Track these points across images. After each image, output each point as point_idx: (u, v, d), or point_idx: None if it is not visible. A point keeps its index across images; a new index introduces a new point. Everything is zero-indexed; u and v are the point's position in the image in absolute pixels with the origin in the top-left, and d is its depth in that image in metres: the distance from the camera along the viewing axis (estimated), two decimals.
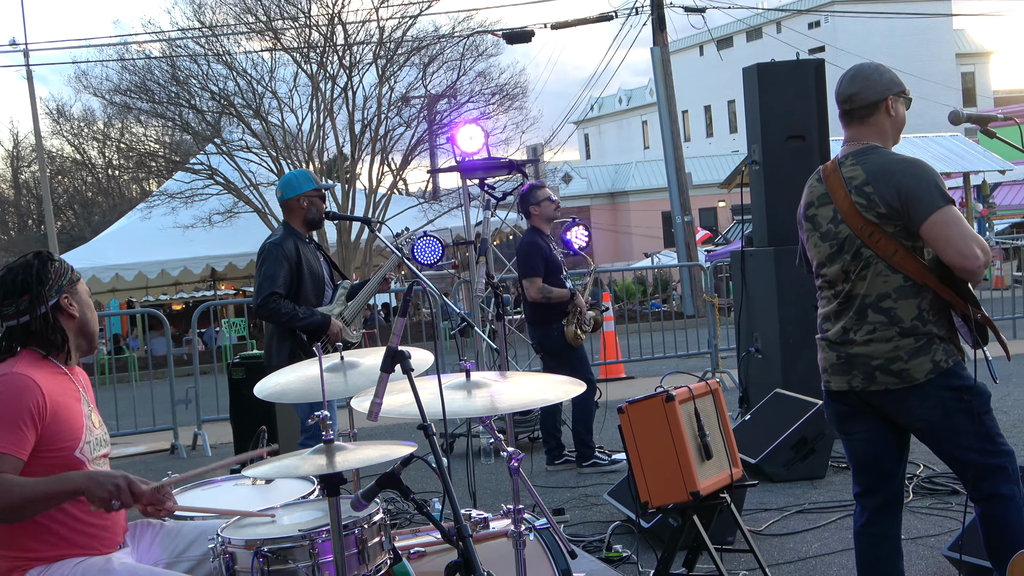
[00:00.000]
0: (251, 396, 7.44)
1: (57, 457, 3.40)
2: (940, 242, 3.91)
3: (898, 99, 4.22)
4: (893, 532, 4.29)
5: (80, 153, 42.86)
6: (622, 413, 5.36)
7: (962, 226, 3.91)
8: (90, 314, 3.67)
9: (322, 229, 20.55)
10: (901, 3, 48.04)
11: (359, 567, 3.33)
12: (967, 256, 3.87)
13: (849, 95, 4.20)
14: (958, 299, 4.02)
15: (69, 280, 3.60)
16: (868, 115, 4.18)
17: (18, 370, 3.40)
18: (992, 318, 4.10)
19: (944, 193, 3.94)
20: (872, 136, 4.18)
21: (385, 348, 3.11)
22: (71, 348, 3.61)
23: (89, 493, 3.28)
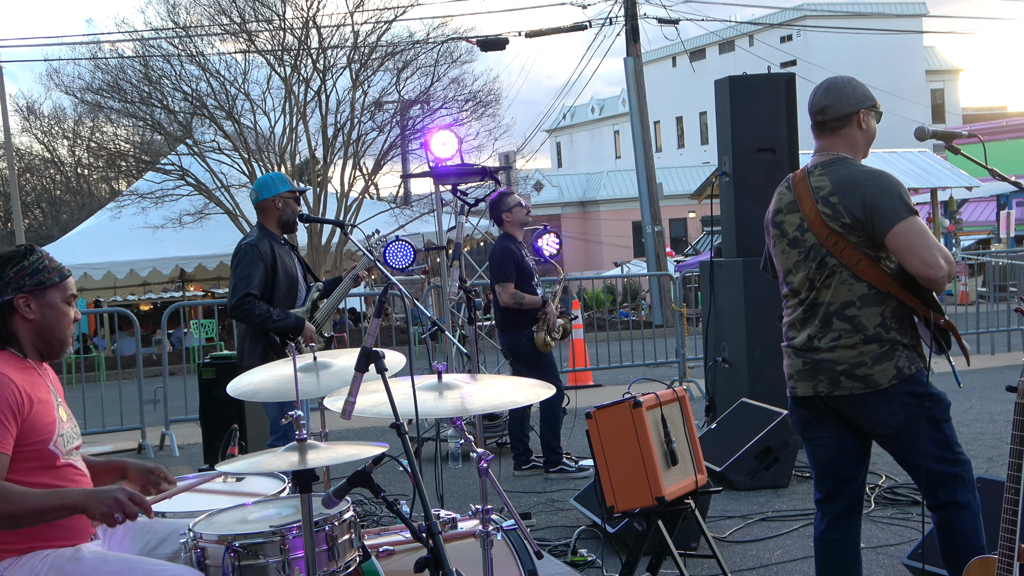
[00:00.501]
0: (221, 396, 7.48)
1: (32, 451, 3.43)
2: (904, 251, 4.00)
3: (869, 112, 4.31)
4: (852, 538, 4.38)
5: (49, 151, 42.66)
6: (590, 418, 5.43)
7: (926, 236, 4.00)
8: (54, 320, 3.61)
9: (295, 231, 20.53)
10: (873, 19, 48.48)
11: (328, 564, 3.37)
12: (931, 265, 3.96)
13: (822, 107, 4.28)
14: (922, 305, 4.11)
15: (37, 282, 3.56)
16: (840, 127, 4.27)
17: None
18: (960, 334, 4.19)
19: (908, 204, 4.03)
20: (843, 148, 4.27)
21: (359, 348, 3.16)
22: (26, 348, 3.59)
23: (88, 510, 3.32)
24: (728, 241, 9.13)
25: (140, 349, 12.40)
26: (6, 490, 3.27)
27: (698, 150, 57.80)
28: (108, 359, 20.00)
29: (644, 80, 24.85)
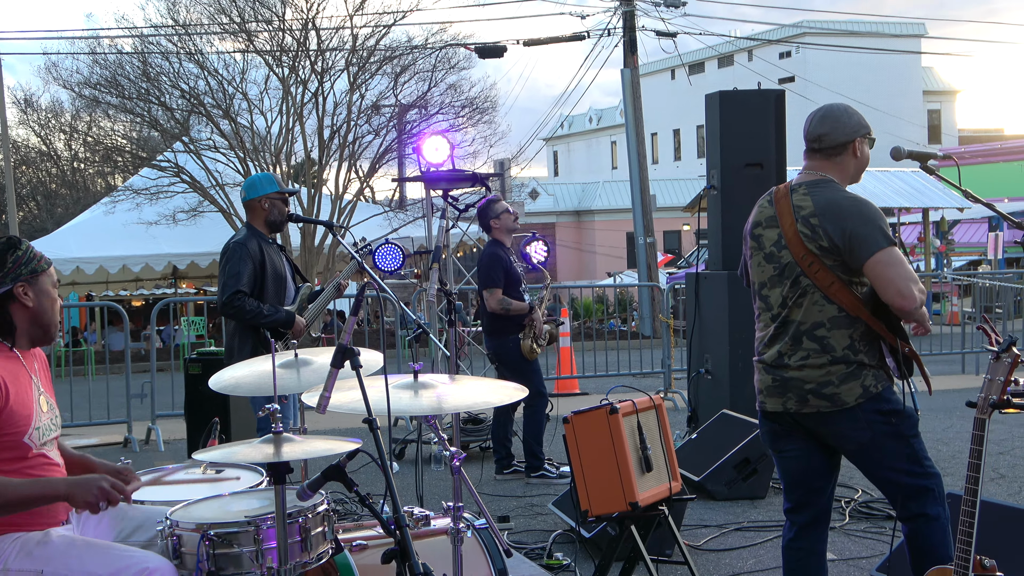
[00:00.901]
0: (207, 392, 7.54)
1: (5, 442, 3.50)
2: (881, 281, 4.09)
3: (864, 140, 4.40)
4: (819, 547, 4.48)
5: (46, 144, 42.67)
6: (567, 423, 5.52)
7: (903, 267, 4.09)
8: (48, 305, 3.72)
9: (285, 232, 20.60)
10: (872, 38, 48.65)
11: (301, 554, 3.45)
12: (906, 296, 4.05)
13: (819, 135, 4.36)
14: (888, 332, 4.20)
15: (31, 270, 3.66)
16: (836, 155, 4.35)
17: None
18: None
19: (887, 234, 4.12)
20: (834, 172, 4.35)
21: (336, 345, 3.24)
22: (19, 335, 3.68)
23: (72, 499, 3.42)
24: (714, 253, 9.22)
25: (129, 344, 12.46)
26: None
27: (695, 163, 57.93)
28: (97, 353, 20.06)
29: (640, 91, 24.97)
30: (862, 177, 4.50)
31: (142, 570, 3.37)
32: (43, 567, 3.42)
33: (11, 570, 3.43)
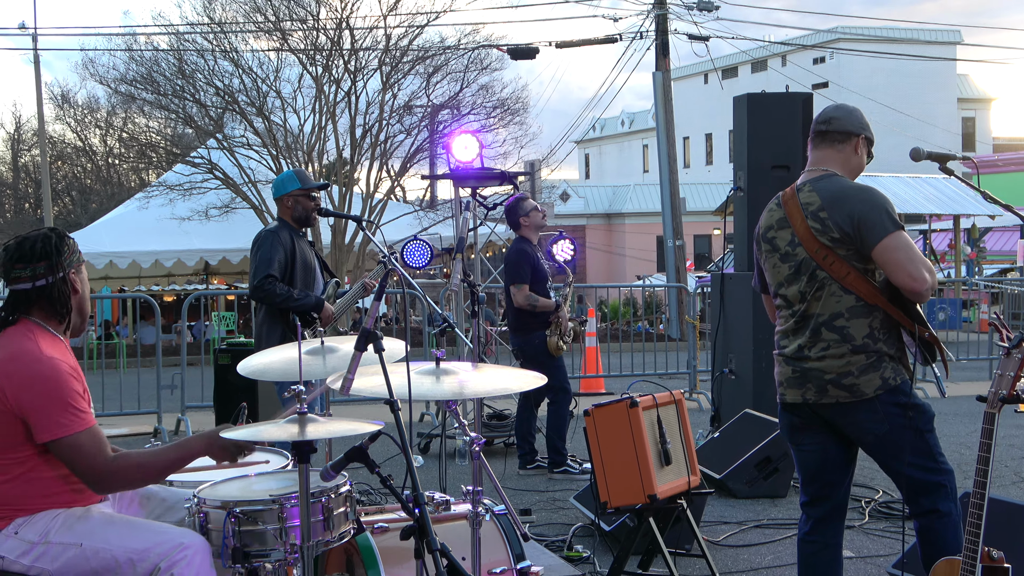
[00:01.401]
0: (236, 382, 7.69)
1: None
2: (891, 265, 4.16)
3: (865, 144, 4.50)
4: (834, 540, 4.54)
5: (82, 140, 43.09)
6: (588, 416, 5.61)
7: (911, 250, 4.17)
8: (88, 294, 3.89)
9: (316, 230, 20.76)
10: (907, 45, 48.48)
11: (324, 533, 3.57)
12: (916, 279, 4.12)
13: (830, 117, 4.47)
14: (906, 319, 4.27)
15: (78, 259, 3.81)
16: (840, 142, 4.44)
17: (46, 352, 3.59)
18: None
19: (894, 219, 4.20)
20: (835, 164, 4.43)
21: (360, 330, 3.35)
22: (70, 321, 3.81)
23: (211, 452, 3.70)
24: (740, 255, 9.28)
25: (161, 335, 12.63)
26: (134, 459, 3.64)
27: (726, 168, 57.62)
28: (129, 347, 20.27)
29: (672, 94, 25.02)
30: (894, 183, 4.57)
31: (177, 545, 3.50)
32: (83, 540, 3.56)
33: (52, 543, 3.56)
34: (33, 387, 3.53)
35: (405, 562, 4.08)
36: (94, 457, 3.54)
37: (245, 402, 4.68)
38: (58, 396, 3.53)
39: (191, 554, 3.50)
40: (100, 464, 3.55)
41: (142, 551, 3.52)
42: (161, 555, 3.49)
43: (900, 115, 42.20)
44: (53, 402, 3.52)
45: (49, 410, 3.52)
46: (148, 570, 3.50)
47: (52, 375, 3.55)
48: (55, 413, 3.52)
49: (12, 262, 3.70)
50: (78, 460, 3.55)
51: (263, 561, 3.55)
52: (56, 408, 3.52)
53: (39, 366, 3.56)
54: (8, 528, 3.59)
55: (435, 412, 11.73)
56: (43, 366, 3.56)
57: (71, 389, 3.56)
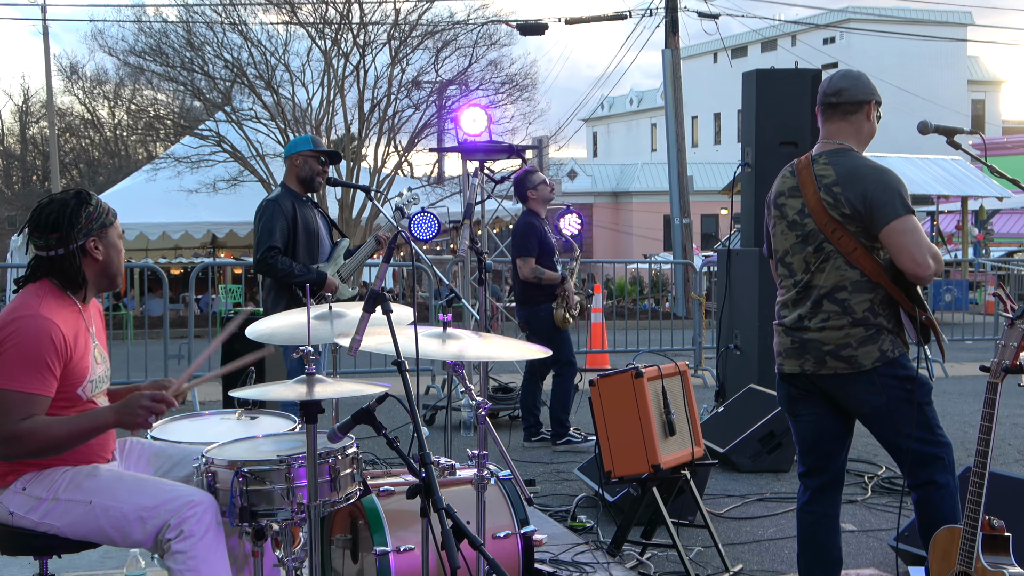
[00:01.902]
0: (243, 350, 7.68)
1: (60, 393, 3.65)
2: (896, 248, 4.18)
3: (875, 108, 4.49)
4: (832, 511, 4.58)
5: (90, 112, 43.11)
6: (593, 386, 5.64)
7: (919, 235, 4.18)
8: (116, 256, 3.86)
9: (324, 203, 20.79)
10: (917, 26, 48.28)
11: (330, 494, 3.60)
12: (920, 264, 4.15)
13: (839, 89, 4.46)
14: (907, 300, 4.29)
15: (101, 224, 3.78)
16: (852, 112, 4.44)
17: (42, 312, 3.60)
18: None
19: (906, 203, 4.21)
20: (849, 135, 4.43)
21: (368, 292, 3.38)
22: (88, 288, 3.82)
23: (124, 424, 3.61)
24: (747, 230, 9.30)
25: (168, 305, 12.67)
26: (42, 424, 3.52)
27: (734, 147, 57.47)
28: (136, 318, 20.32)
29: (681, 72, 24.95)
30: (902, 164, 4.57)
31: (187, 503, 3.54)
32: (92, 498, 3.60)
33: (61, 499, 3.60)
34: (11, 337, 3.55)
35: (410, 525, 4.13)
36: (3, 418, 3.49)
37: (253, 367, 4.70)
38: (23, 351, 3.53)
39: (200, 511, 3.53)
40: (6, 427, 3.49)
41: (151, 508, 3.56)
42: (170, 512, 3.53)
43: (910, 96, 42.06)
44: (17, 354, 3.53)
45: (9, 359, 3.53)
46: (157, 527, 3.54)
47: (31, 331, 3.55)
48: (10, 363, 3.52)
49: (31, 229, 3.73)
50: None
51: (270, 520, 3.58)
52: (14, 360, 3.52)
53: (25, 320, 3.57)
54: (16, 484, 3.63)
55: (440, 385, 11.77)
56: (28, 321, 3.57)
57: (39, 351, 3.54)
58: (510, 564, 4.29)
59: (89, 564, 5.44)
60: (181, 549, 3.50)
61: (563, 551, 5.66)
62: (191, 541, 3.50)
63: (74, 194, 3.78)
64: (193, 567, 3.50)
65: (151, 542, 3.57)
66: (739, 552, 5.99)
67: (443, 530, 2.88)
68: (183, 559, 3.50)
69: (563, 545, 5.79)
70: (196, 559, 3.50)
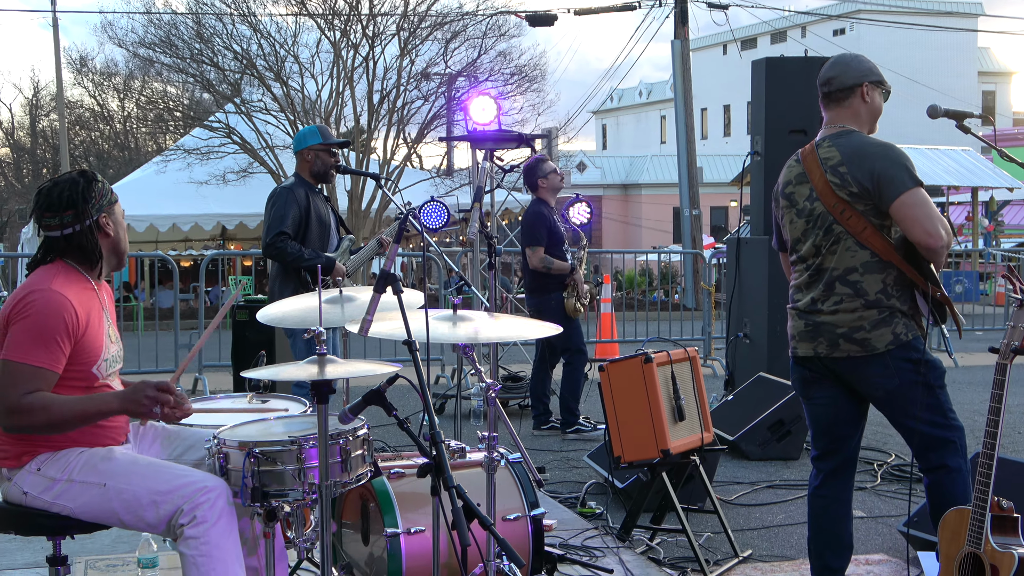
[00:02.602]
0: (254, 338, 7.74)
1: (75, 372, 3.67)
2: (908, 221, 4.18)
3: (875, 88, 4.50)
4: (844, 495, 4.58)
5: (100, 105, 43.18)
6: (602, 371, 5.65)
7: (929, 207, 4.18)
8: (123, 234, 3.91)
9: (333, 194, 20.81)
10: (928, 16, 48.15)
11: (341, 474, 3.62)
12: (932, 235, 4.14)
13: (828, 78, 4.48)
14: (920, 277, 4.29)
15: (108, 201, 3.82)
16: (844, 98, 4.45)
17: (55, 287, 3.62)
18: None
19: (913, 176, 4.21)
20: (848, 119, 4.45)
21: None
22: (103, 265, 3.85)
23: (128, 412, 3.64)
24: (756, 219, 9.30)
25: (179, 294, 12.71)
26: (49, 400, 3.53)
27: (744, 140, 57.35)
28: (146, 310, 20.39)
29: (690, 63, 24.93)
30: (911, 154, 4.56)
31: (200, 489, 3.56)
32: (106, 480, 3.62)
33: (75, 481, 3.63)
34: (24, 310, 3.58)
35: (421, 507, 4.15)
36: (9, 389, 3.52)
37: (264, 351, 4.73)
38: (33, 325, 3.55)
39: (213, 497, 3.55)
40: (10, 398, 3.51)
41: (164, 493, 3.58)
42: (183, 497, 3.55)
43: (920, 88, 41.97)
44: (27, 327, 3.56)
45: (19, 332, 3.56)
46: (170, 512, 3.56)
47: (43, 306, 3.58)
48: (20, 336, 3.55)
49: (42, 210, 3.75)
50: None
51: (281, 501, 3.60)
52: (24, 333, 3.55)
53: (38, 295, 3.60)
54: (31, 464, 3.66)
55: (450, 375, 11.80)
56: (41, 295, 3.60)
57: (50, 325, 3.56)
58: (520, 546, 4.31)
59: (101, 548, 5.48)
60: (194, 535, 3.52)
61: (573, 536, 5.68)
62: (204, 527, 3.52)
63: (79, 173, 3.81)
64: (206, 552, 3.52)
65: (164, 526, 3.60)
66: (748, 538, 6.00)
67: (453, 508, 2.90)
68: (196, 544, 3.52)
69: (573, 530, 5.81)
70: (208, 544, 3.52)
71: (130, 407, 3.58)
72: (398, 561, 4.08)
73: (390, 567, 4.08)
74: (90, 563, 5.29)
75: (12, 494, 3.70)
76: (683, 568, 5.35)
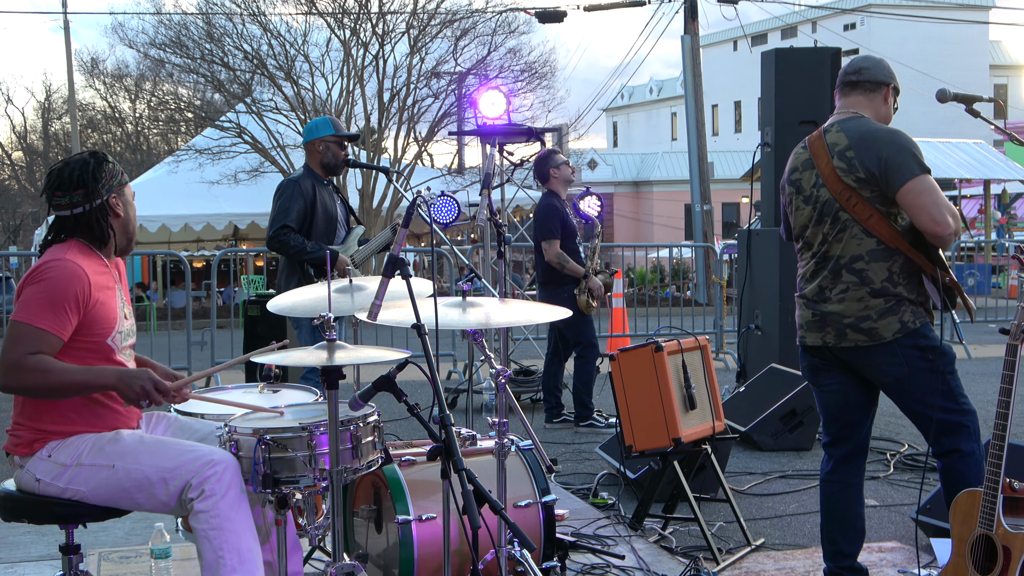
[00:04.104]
0: (266, 333, 7.74)
1: (91, 343, 3.72)
2: (915, 208, 4.17)
3: (893, 94, 4.52)
4: (856, 480, 4.58)
5: (111, 107, 43.29)
6: (613, 360, 5.65)
7: (936, 194, 4.17)
8: (132, 215, 3.95)
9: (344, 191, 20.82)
10: (939, 10, 48.00)
11: (352, 461, 3.63)
12: (939, 222, 4.13)
13: (860, 68, 4.49)
14: (928, 263, 4.28)
15: (119, 182, 3.86)
16: (872, 90, 4.47)
17: (69, 257, 3.69)
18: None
19: (921, 162, 4.20)
20: (866, 109, 4.45)
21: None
22: (114, 244, 3.89)
23: (120, 392, 3.63)
24: (766, 210, 9.28)
25: (191, 293, 12.74)
26: (48, 363, 3.57)
27: (755, 136, 57.14)
28: (159, 310, 20.43)
29: (700, 58, 24.89)
30: (923, 148, 4.55)
31: (208, 462, 3.58)
32: (115, 462, 3.64)
33: (84, 464, 3.65)
34: (37, 276, 3.64)
35: (432, 494, 4.16)
36: (13, 348, 3.56)
37: (275, 340, 4.73)
38: (44, 289, 3.61)
39: (221, 470, 3.57)
40: (12, 356, 3.56)
41: (173, 469, 3.60)
42: (192, 472, 3.57)
43: (932, 81, 41.84)
44: (39, 292, 3.61)
45: (31, 296, 3.61)
46: (180, 487, 3.58)
47: (56, 273, 3.63)
48: (31, 300, 3.60)
49: (52, 189, 3.79)
50: (4, 344, 3.60)
51: (292, 488, 3.61)
52: (35, 297, 3.61)
53: (52, 263, 3.66)
54: (42, 451, 3.68)
55: (461, 370, 11.81)
56: (55, 263, 3.66)
57: (62, 292, 3.61)
58: (532, 533, 4.31)
59: (115, 541, 5.51)
60: (203, 508, 3.55)
61: (585, 525, 5.69)
62: (213, 500, 3.55)
63: (90, 154, 3.85)
64: (216, 525, 3.54)
65: (175, 502, 3.63)
66: (761, 527, 5.99)
67: (463, 490, 2.90)
68: (206, 518, 3.55)
69: (585, 520, 5.82)
70: (219, 517, 3.54)
71: (123, 388, 3.60)
72: (410, 548, 4.09)
73: (402, 554, 4.08)
74: (103, 555, 5.32)
75: (25, 481, 3.73)
76: (695, 556, 5.34)
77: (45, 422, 3.70)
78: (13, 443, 3.76)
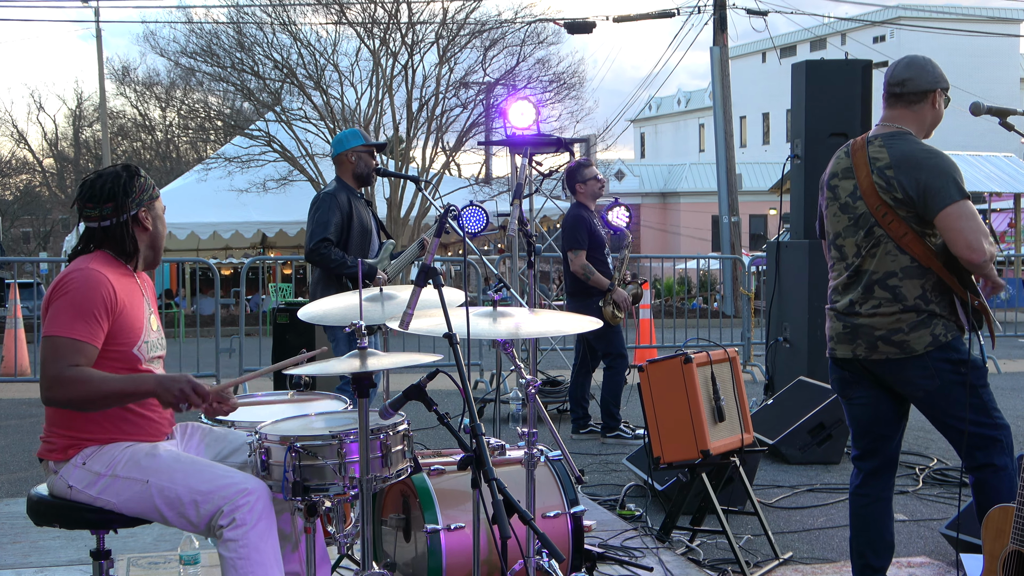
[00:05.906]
0: (295, 341, 7.78)
1: (117, 352, 3.72)
2: (952, 233, 4.14)
3: (942, 95, 4.47)
4: (885, 494, 4.55)
5: (142, 115, 43.60)
6: (642, 371, 5.64)
7: (975, 221, 4.14)
8: (162, 229, 3.97)
9: (372, 186, 20.91)
10: (969, 22, 47.77)
11: (381, 469, 3.63)
12: (975, 250, 4.10)
13: (903, 79, 4.42)
14: (959, 286, 4.26)
15: (150, 196, 3.88)
16: (916, 102, 4.41)
17: (93, 266, 3.71)
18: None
19: (961, 188, 4.17)
20: (911, 123, 4.41)
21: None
22: (140, 258, 3.91)
23: (159, 397, 3.64)
24: (796, 222, 9.26)
25: (220, 299, 12.80)
26: (87, 374, 3.58)
27: (783, 148, 57.13)
28: (187, 317, 20.51)
29: (729, 69, 24.86)
30: (954, 160, 4.52)
31: (241, 490, 3.58)
32: (149, 477, 3.65)
33: (119, 476, 3.66)
34: (64, 287, 3.66)
35: (461, 504, 4.16)
36: (52, 362, 3.57)
37: (305, 348, 4.75)
38: (73, 300, 3.62)
39: (253, 500, 3.57)
40: (52, 370, 3.57)
41: (206, 493, 3.60)
42: (225, 499, 3.57)
43: (961, 94, 41.61)
44: (68, 303, 3.62)
45: (60, 307, 3.63)
46: (211, 512, 3.58)
47: (81, 282, 3.65)
48: (62, 311, 3.62)
49: (84, 200, 3.81)
50: (42, 359, 3.61)
51: (322, 495, 3.62)
52: (65, 308, 3.62)
53: (76, 273, 3.68)
54: (77, 457, 3.70)
55: (488, 379, 11.81)
56: (79, 273, 3.68)
57: (89, 300, 3.63)
58: (560, 543, 4.30)
59: (144, 546, 5.54)
60: (233, 537, 3.55)
61: (612, 536, 5.67)
62: (243, 530, 3.55)
63: (123, 167, 3.87)
64: (245, 555, 3.55)
65: (204, 526, 3.63)
66: (789, 540, 5.97)
67: (493, 500, 2.90)
68: (235, 547, 3.55)
69: (612, 531, 5.80)
70: (247, 547, 3.55)
71: (162, 392, 3.61)
72: (438, 558, 4.08)
73: (430, 564, 4.08)
74: (132, 560, 5.34)
75: (58, 487, 3.74)
76: (723, 569, 5.32)
77: (79, 428, 3.71)
78: (47, 449, 3.77)
